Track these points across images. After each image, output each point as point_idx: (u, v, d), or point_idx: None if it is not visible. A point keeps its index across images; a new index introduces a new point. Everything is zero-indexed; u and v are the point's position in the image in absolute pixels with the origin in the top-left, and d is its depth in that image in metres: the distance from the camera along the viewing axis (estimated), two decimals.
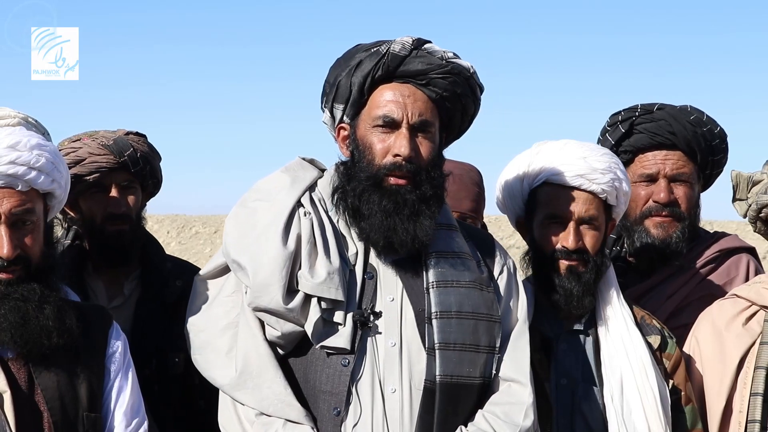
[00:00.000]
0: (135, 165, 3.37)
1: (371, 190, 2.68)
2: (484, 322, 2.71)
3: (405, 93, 2.71)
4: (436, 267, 2.73)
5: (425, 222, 2.68)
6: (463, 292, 2.71)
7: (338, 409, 2.63)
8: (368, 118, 2.72)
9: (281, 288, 2.63)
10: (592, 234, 2.99)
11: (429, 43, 2.76)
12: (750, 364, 3.02)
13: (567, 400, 2.96)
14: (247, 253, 2.69)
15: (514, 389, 2.71)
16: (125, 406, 2.61)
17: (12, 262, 2.46)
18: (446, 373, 2.63)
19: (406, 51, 2.71)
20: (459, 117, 2.82)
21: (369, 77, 2.71)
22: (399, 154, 2.67)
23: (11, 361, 2.49)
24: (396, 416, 2.63)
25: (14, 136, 2.51)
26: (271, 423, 2.63)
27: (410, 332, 2.68)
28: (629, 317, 3.02)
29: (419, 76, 2.70)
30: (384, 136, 2.70)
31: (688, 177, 3.53)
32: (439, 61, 2.72)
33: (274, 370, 2.66)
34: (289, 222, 2.70)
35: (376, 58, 2.71)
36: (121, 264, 3.40)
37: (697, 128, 3.52)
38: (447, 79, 2.72)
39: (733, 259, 3.59)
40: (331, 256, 2.68)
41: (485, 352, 2.70)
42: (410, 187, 2.68)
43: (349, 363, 2.64)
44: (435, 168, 2.72)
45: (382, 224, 2.66)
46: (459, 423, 2.66)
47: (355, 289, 2.69)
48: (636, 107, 3.59)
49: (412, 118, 2.69)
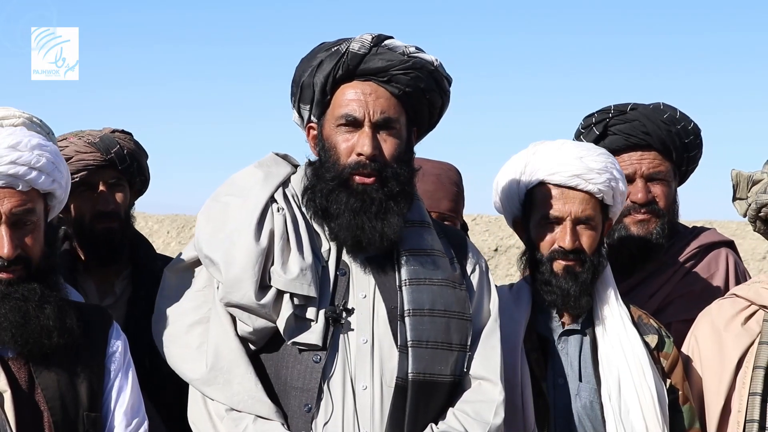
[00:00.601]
0: (122, 162, 3.38)
1: (338, 190, 2.69)
2: (456, 320, 2.72)
3: (366, 91, 2.70)
4: (408, 264, 2.73)
5: (393, 219, 2.68)
6: (435, 290, 2.71)
7: (309, 405, 2.63)
8: (332, 118, 2.73)
9: (253, 284, 2.63)
10: (588, 234, 2.99)
11: (390, 39, 2.75)
12: (749, 364, 3.02)
13: (564, 400, 2.97)
14: (220, 249, 2.68)
15: (485, 387, 2.72)
16: (125, 406, 2.60)
17: (12, 262, 2.46)
18: (418, 371, 2.64)
19: (365, 49, 2.70)
20: (426, 111, 2.81)
21: (330, 77, 2.71)
22: (362, 153, 2.67)
23: (11, 360, 2.49)
24: (367, 413, 2.63)
25: (15, 136, 2.51)
26: (241, 419, 2.63)
27: (382, 329, 2.69)
28: (626, 317, 3.02)
29: (380, 74, 2.70)
30: (348, 135, 2.70)
31: (665, 175, 3.54)
32: (400, 57, 2.71)
33: (245, 365, 2.66)
34: (262, 218, 2.70)
35: (336, 57, 2.71)
36: (111, 262, 3.40)
37: (671, 126, 3.53)
38: (409, 74, 2.71)
39: (712, 254, 3.61)
40: (304, 252, 2.68)
41: (457, 350, 2.71)
42: (376, 185, 2.68)
43: (320, 359, 2.64)
44: (401, 164, 2.72)
45: (350, 223, 2.67)
46: (429, 420, 2.67)
47: (328, 285, 2.69)
48: (609, 108, 3.60)
49: (374, 116, 2.68)
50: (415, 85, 2.72)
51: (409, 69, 2.71)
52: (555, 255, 2.99)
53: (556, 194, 2.99)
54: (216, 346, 2.69)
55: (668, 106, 3.60)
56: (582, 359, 3.00)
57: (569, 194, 2.98)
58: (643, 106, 3.59)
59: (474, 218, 15.57)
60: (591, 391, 2.96)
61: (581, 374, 2.99)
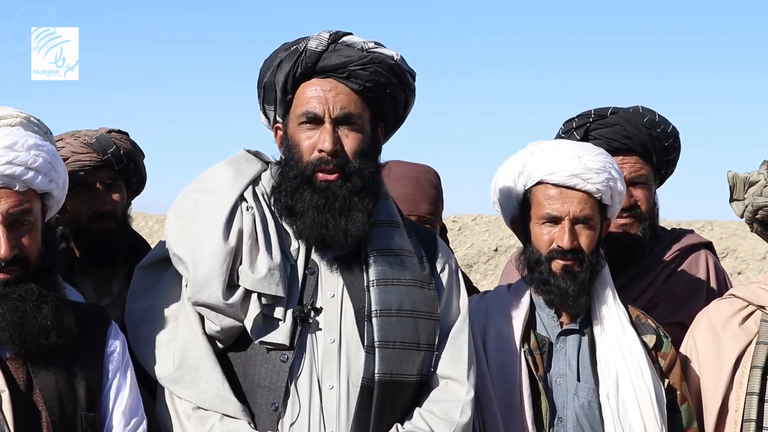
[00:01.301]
0: (119, 162, 3.38)
1: (302, 188, 2.69)
2: (423, 320, 2.72)
3: (326, 88, 2.72)
4: (376, 265, 2.73)
5: (357, 216, 2.69)
6: (403, 290, 2.72)
7: (276, 404, 2.64)
8: (294, 117, 2.74)
9: (221, 283, 2.63)
10: (587, 234, 2.99)
11: (348, 35, 2.77)
12: (746, 364, 3.03)
13: (563, 400, 2.97)
14: (188, 247, 2.69)
15: (451, 387, 2.73)
16: (124, 406, 2.61)
17: (10, 263, 2.46)
18: (385, 372, 2.64)
19: (323, 46, 2.72)
20: (390, 106, 2.82)
21: (290, 76, 2.73)
22: (323, 150, 2.68)
23: (9, 360, 2.50)
24: (333, 413, 2.64)
25: (12, 137, 2.51)
26: (208, 417, 2.63)
27: (350, 329, 2.69)
28: (625, 317, 3.03)
29: (339, 70, 2.71)
30: (309, 132, 2.71)
31: (646, 179, 3.56)
32: (358, 53, 2.72)
33: (213, 364, 2.66)
34: (231, 217, 2.70)
35: (294, 56, 2.72)
36: (109, 263, 3.41)
37: (652, 130, 3.54)
38: (368, 70, 2.72)
39: (692, 256, 3.63)
40: (273, 251, 2.68)
41: (424, 350, 2.71)
42: (340, 181, 2.69)
43: (288, 359, 2.64)
44: (364, 160, 2.72)
45: (314, 221, 2.68)
46: (395, 420, 2.68)
47: (297, 284, 2.70)
48: (589, 113, 3.61)
49: (334, 112, 2.69)
50: (375, 80, 2.73)
51: (368, 64, 2.72)
52: (553, 255, 2.99)
53: (554, 194, 2.99)
54: (183, 344, 2.69)
55: (647, 109, 3.61)
56: (580, 359, 3.01)
57: (567, 194, 2.98)
58: (623, 110, 3.60)
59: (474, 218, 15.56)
60: (589, 391, 2.96)
61: (579, 374, 2.99)
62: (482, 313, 3.06)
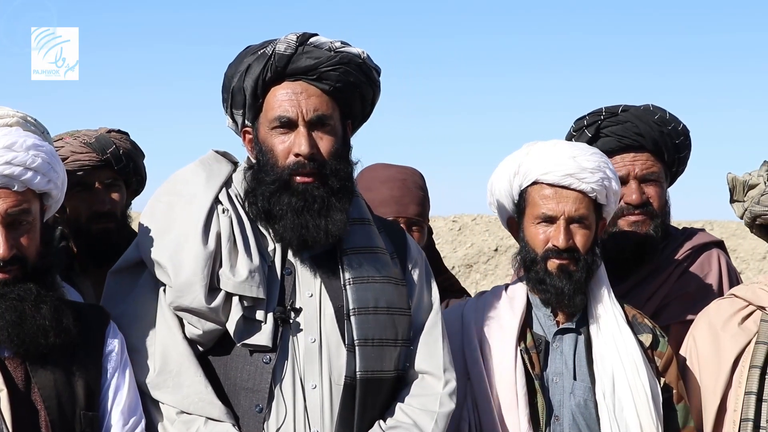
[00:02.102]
0: (118, 162, 3.38)
1: (280, 192, 2.68)
2: (398, 316, 2.73)
3: (297, 90, 2.70)
4: (351, 263, 2.74)
5: (337, 216, 2.69)
6: (378, 288, 2.73)
7: (260, 406, 2.64)
8: (266, 121, 2.72)
9: (203, 288, 2.62)
10: (582, 233, 3.00)
11: (315, 36, 2.75)
12: (745, 364, 3.03)
13: (559, 398, 2.97)
14: (167, 253, 2.67)
15: (428, 381, 2.75)
16: (122, 405, 2.61)
17: (8, 262, 2.46)
18: (366, 369, 2.65)
19: (291, 49, 2.70)
20: (359, 104, 2.82)
21: (260, 80, 2.71)
22: (300, 153, 2.67)
23: (8, 360, 2.50)
24: (317, 412, 2.64)
25: (10, 137, 2.51)
26: (192, 421, 2.63)
27: (329, 328, 2.70)
28: (621, 316, 3.03)
29: (309, 72, 2.70)
30: (283, 137, 2.70)
31: (658, 176, 3.55)
32: (327, 53, 2.71)
33: (194, 368, 2.65)
34: (209, 220, 2.69)
35: (263, 60, 2.70)
36: (108, 262, 3.40)
37: (663, 127, 3.54)
38: (338, 70, 2.71)
39: (704, 255, 3.62)
40: (252, 254, 2.68)
41: (400, 346, 2.73)
42: (317, 183, 2.68)
43: (270, 360, 2.64)
44: (340, 160, 2.72)
45: (294, 223, 2.67)
46: (376, 417, 2.69)
47: (275, 285, 2.69)
48: (600, 111, 3.60)
49: (308, 115, 2.68)
50: (345, 79, 2.73)
51: (338, 64, 2.71)
52: (549, 254, 2.99)
53: (549, 194, 3.00)
54: (164, 349, 2.67)
55: (657, 107, 3.61)
56: (577, 358, 3.01)
57: (563, 193, 2.99)
58: (634, 107, 3.60)
59: (474, 218, 15.56)
60: (585, 390, 2.97)
61: (576, 373, 2.99)
62: (479, 313, 3.07)
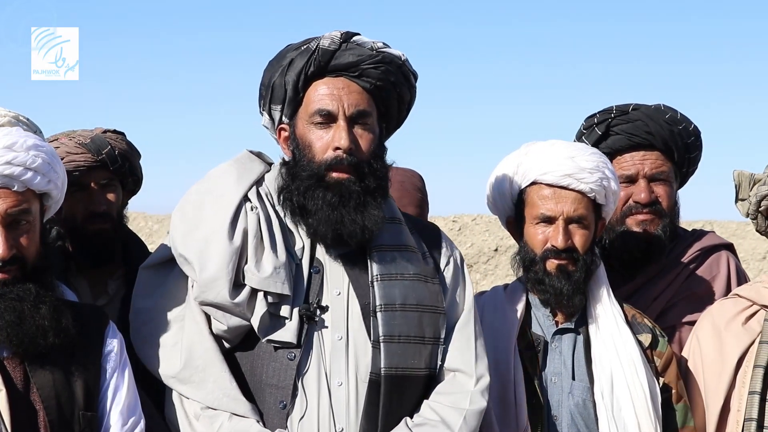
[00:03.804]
0: (113, 163, 3.37)
1: (315, 187, 2.69)
2: (428, 314, 2.73)
3: (339, 86, 2.72)
4: (380, 260, 2.74)
5: (373, 211, 2.70)
6: (407, 285, 2.73)
7: (284, 402, 2.65)
8: (305, 116, 2.74)
9: (228, 283, 2.64)
10: (581, 233, 3.00)
11: (358, 35, 2.78)
12: (749, 363, 3.02)
13: (558, 398, 2.98)
14: (194, 248, 2.69)
15: (459, 379, 2.74)
16: (121, 405, 2.60)
17: (7, 262, 2.46)
18: (391, 366, 2.65)
19: (335, 45, 2.72)
20: (396, 105, 2.83)
21: (302, 74, 2.73)
22: (339, 147, 2.68)
23: (7, 360, 2.50)
24: (342, 409, 2.65)
25: (11, 137, 2.51)
26: (217, 417, 2.64)
27: (356, 326, 2.70)
28: (620, 316, 3.04)
29: (351, 68, 2.72)
30: (322, 132, 2.71)
31: (667, 176, 3.54)
32: (369, 52, 2.73)
33: (220, 364, 2.67)
34: (236, 217, 2.71)
35: (306, 55, 2.72)
36: (104, 263, 3.40)
37: (674, 127, 3.52)
38: (379, 69, 2.73)
39: (713, 256, 3.60)
40: (278, 250, 2.69)
41: (430, 344, 2.72)
42: (353, 179, 2.69)
43: (295, 357, 2.65)
44: (377, 159, 2.74)
45: (329, 217, 2.68)
46: (405, 414, 2.69)
47: (302, 283, 2.71)
48: (611, 109, 3.59)
49: (349, 110, 2.70)
50: (386, 78, 2.75)
51: (379, 63, 2.73)
52: (548, 254, 3.00)
53: (548, 194, 3.00)
54: (190, 344, 2.70)
55: (669, 107, 3.60)
56: (575, 358, 3.02)
57: (561, 194, 2.99)
58: (645, 106, 3.58)
59: (474, 218, 15.57)
60: (584, 390, 2.97)
61: (574, 372, 3.00)
62: (478, 313, 3.07)
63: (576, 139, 3.65)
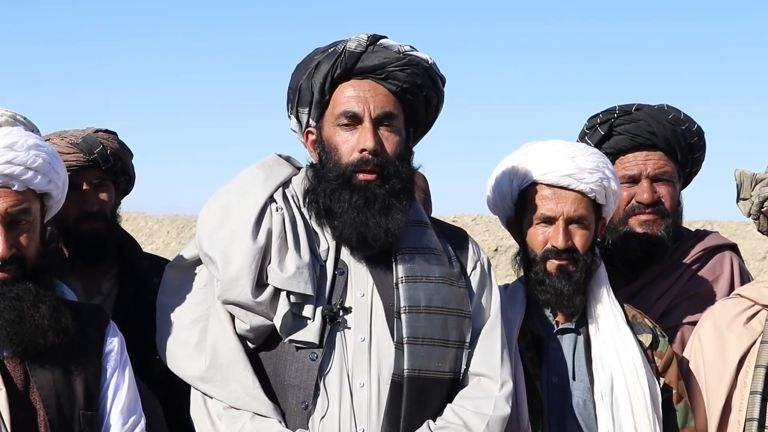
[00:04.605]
0: (106, 162, 3.37)
1: (341, 189, 2.70)
2: (453, 317, 2.73)
3: (365, 88, 2.73)
4: (405, 262, 2.75)
5: (397, 215, 2.71)
6: (432, 287, 2.73)
7: (306, 402, 2.65)
8: (332, 118, 2.75)
9: (251, 282, 2.65)
10: (581, 233, 3.00)
11: (384, 38, 2.78)
12: (750, 363, 3.01)
13: (558, 398, 2.98)
14: (219, 247, 2.71)
15: (483, 384, 2.73)
16: (122, 405, 2.61)
17: (7, 261, 2.47)
18: (414, 368, 2.65)
19: (362, 47, 2.73)
20: (423, 109, 2.84)
21: (328, 77, 2.74)
22: (365, 149, 2.68)
23: (7, 359, 2.50)
24: (364, 410, 2.65)
25: (12, 136, 2.52)
26: (239, 416, 2.65)
27: (380, 327, 2.70)
28: (620, 316, 3.03)
29: (377, 71, 2.73)
30: (348, 134, 2.72)
31: (670, 176, 3.53)
32: (396, 55, 2.74)
33: (244, 363, 2.68)
34: (261, 217, 2.72)
35: (333, 57, 2.74)
36: (97, 262, 3.40)
37: (677, 127, 3.52)
38: (406, 71, 2.74)
39: (717, 257, 3.60)
40: (301, 251, 2.70)
41: (454, 347, 2.72)
42: (379, 181, 2.70)
43: (317, 357, 2.66)
44: (403, 162, 2.74)
45: (354, 220, 2.68)
46: (427, 417, 2.68)
47: (325, 284, 2.71)
48: (614, 109, 3.59)
49: (375, 112, 2.71)
50: (412, 81, 2.75)
51: (406, 66, 2.74)
52: (548, 254, 2.99)
53: (548, 194, 3.00)
54: (215, 343, 2.71)
55: (672, 107, 3.59)
56: (576, 358, 3.02)
57: (561, 194, 2.99)
58: (648, 106, 3.58)
59: (474, 218, 15.59)
60: (584, 390, 2.97)
61: (575, 373, 3.00)
62: None
63: (579, 139, 3.64)
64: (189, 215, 24.38)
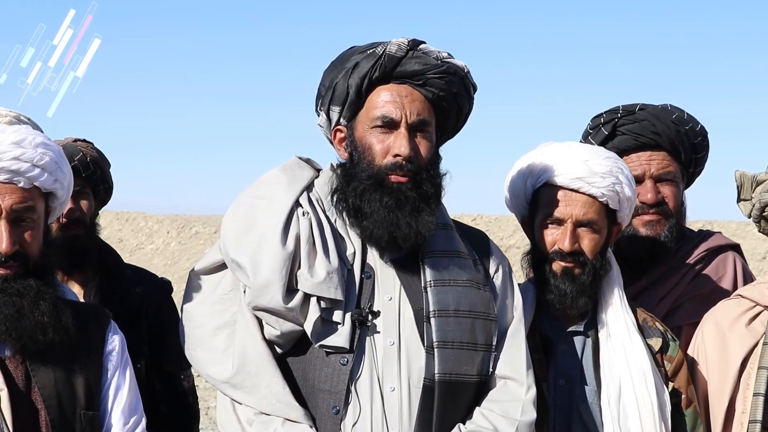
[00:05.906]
0: (86, 170, 3.41)
1: (373, 189, 2.70)
2: (481, 320, 2.73)
3: (402, 93, 2.73)
4: (433, 266, 2.74)
5: (427, 218, 2.70)
6: (460, 291, 2.73)
7: (337, 407, 2.64)
8: (366, 119, 2.74)
9: (281, 288, 2.64)
10: (590, 237, 2.98)
11: (424, 43, 2.78)
12: (753, 365, 3.01)
13: (564, 401, 2.97)
14: (247, 253, 2.70)
15: (510, 387, 2.74)
16: (123, 404, 2.61)
17: (10, 258, 2.47)
18: (445, 371, 2.65)
19: (402, 52, 2.73)
20: (454, 116, 2.84)
21: (366, 79, 2.73)
22: (399, 154, 2.69)
23: (8, 359, 2.50)
24: (395, 414, 2.64)
25: (20, 133, 2.52)
26: (270, 422, 2.64)
27: (409, 331, 2.70)
28: (631, 321, 3.01)
29: (416, 77, 2.73)
30: (383, 136, 2.72)
31: (674, 176, 3.52)
32: (434, 62, 2.74)
33: (273, 369, 2.67)
34: (288, 222, 2.72)
35: (372, 59, 2.73)
36: (78, 269, 3.42)
37: (680, 127, 3.51)
38: (443, 79, 2.74)
39: (720, 257, 3.59)
40: (330, 255, 2.70)
41: (482, 350, 2.72)
42: (411, 185, 2.70)
43: (347, 362, 2.65)
44: (434, 167, 2.75)
45: (385, 220, 2.68)
46: (457, 420, 2.68)
47: (354, 288, 2.71)
48: (617, 109, 3.58)
49: (411, 118, 2.70)
50: (448, 89, 2.76)
51: (444, 73, 2.74)
52: (554, 256, 2.99)
53: (559, 196, 2.99)
54: (243, 349, 2.70)
55: (675, 107, 3.59)
56: (584, 361, 3.00)
57: (572, 196, 2.98)
58: (652, 106, 3.57)
59: (474, 218, 15.58)
60: (591, 394, 2.96)
61: (582, 376, 2.98)
62: None
63: (582, 139, 3.64)
64: (189, 215, 24.40)
